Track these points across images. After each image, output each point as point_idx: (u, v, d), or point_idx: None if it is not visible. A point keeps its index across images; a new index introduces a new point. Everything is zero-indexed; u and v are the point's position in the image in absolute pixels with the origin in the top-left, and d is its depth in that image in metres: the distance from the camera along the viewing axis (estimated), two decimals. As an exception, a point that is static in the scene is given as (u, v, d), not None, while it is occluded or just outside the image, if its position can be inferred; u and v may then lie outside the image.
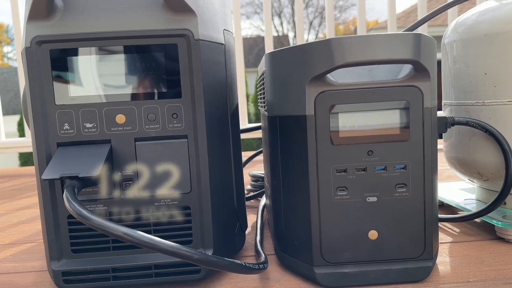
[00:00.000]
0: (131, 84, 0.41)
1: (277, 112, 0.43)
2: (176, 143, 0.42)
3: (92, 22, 0.40)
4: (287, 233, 0.44)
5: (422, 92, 0.39)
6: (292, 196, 0.43)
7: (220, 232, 0.45)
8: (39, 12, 0.39)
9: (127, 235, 0.33)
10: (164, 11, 0.41)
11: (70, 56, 0.40)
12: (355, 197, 0.40)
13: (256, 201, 0.77)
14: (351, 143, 0.40)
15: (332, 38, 0.38)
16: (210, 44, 0.42)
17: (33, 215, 0.76)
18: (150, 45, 0.41)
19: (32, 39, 0.39)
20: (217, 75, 0.44)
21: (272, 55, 0.43)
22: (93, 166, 0.38)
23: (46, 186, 0.41)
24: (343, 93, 0.39)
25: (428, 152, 0.40)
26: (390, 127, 0.40)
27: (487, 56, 0.51)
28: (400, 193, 0.40)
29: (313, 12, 14.38)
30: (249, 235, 0.58)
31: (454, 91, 0.56)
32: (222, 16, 0.46)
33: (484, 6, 0.54)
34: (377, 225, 0.41)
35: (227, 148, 0.46)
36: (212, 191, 0.43)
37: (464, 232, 0.54)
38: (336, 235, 0.41)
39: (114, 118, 0.41)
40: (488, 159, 0.52)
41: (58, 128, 0.41)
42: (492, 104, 0.51)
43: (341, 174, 0.40)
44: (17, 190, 1.01)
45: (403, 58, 0.38)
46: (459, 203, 0.58)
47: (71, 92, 0.41)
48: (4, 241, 0.61)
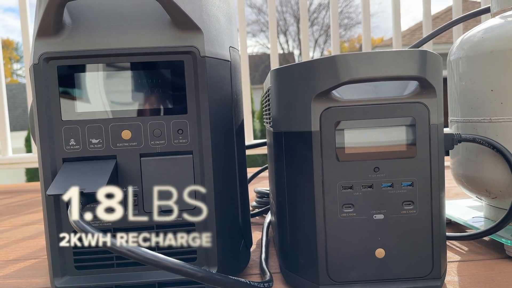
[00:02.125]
0: (137, 100, 0.41)
1: (282, 128, 0.43)
2: (181, 159, 0.42)
3: (99, 39, 0.40)
4: (293, 251, 0.44)
5: (428, 109, 0.39)
6: (298, 213, 0.42)
7: (224, 250, 0.44)
8: (47, 29, 0.40)
9: (131, 251, 0.33)
10: (171, 28, 0.41)
11: (77, 73, 0.41)
12: (361, 214, 0.40)
13: (261, 217, 0.76)
14: (357, 159, 0.39)
15: (337, 55, 0.38)
16: (216, 61, 0.43)
17: (38, 230, 0.76)
18: (157, 61, 0.41)
19: (40, 55, 0.40)
20: (223, 92, 0.44)
21: (278, 71, 0.43)
22: (98, 182, 0.38)
23: (51, 202, 0.41)
24: (348, 110, 0.39)
25: (435, 169, 0.40)
26: (396, 143, 0.39)
27: (494, 73, 0.51)
28: (407, 210, 0.40)
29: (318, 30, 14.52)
30: (254, 253, 0.57)
31: (461, 108, 0.56)
32: (228, 34, 0.46)
33: (489, 24, 0.54)
34: (384, 243, 0.40)
35: (232, 164, 0.46)
36: (217, 207, 0.43)
37: (473, 251, 0.53)
38: (343, 253, 0.40)
39: (120, 134, 0.41)
40: (496, 177, 0.51)
41: (64, 144, 0.41)
42: (499, 121, 0.51)
43: (347, 190, 0.40)
44: (23, 205, 1.01)
45: (409, 74, 0.38)
46: (467, 221, 0.57)
47: (78, 108, 0.41)
48: (8, 256, 0.61)
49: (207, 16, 0.43)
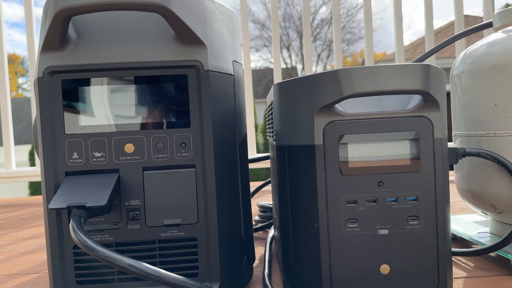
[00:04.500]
0: (140, 114, 0.41)
1: (285, 142, 0.43)
2: (184, 172, 0.42)
3: (104, 53, 0.41)
4: (296, 267, 0.43)
5: (432, 123, 0.39)
6: (301, 228, 0.42)
7: (227, 265, 0.44)
8: (52, 43, 0.40)
9: (132, 267, 0.32)
10: (175, 43, 0.41)
11: (81, 86, 0.41)
12: (366, 229, 0.40)
13: (264, 232, 0.75)
14: (361, 173, 0.39)
15: (340, 69, 0.38)
16: (220, 75, 0.43)
17: (39, 244, 0.75)
18: (161, 75, 0.41)
19: (44, 69, 0.40)
20: (226, 105, 0.44)
21: (281, 85, 0.43)
22: (100, 196, 0.38)
23: (53, 216, 0.41)
24: (352, 123, 0.39)
25: (439, 184, 0.39)
26: (400, 157, 0.39)
27: (497, 87, 0.51)
28: (412, 225, 0.40)
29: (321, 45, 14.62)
30: (256, 268, 0.57)
31: (464, 122, 0.56)
32: (231, 48, 0.47)
33: (492, 38, 0.54)
34: (389, 259, 0.40)
35: (235, 178, 0.46)
36: (220, 222, 0.42)
37: (479, 267, 0.53)
38: (347, 269, 0.40)
39: (123, 147, 0.41)
40: (501, 191, 0.51)
41: (67, 157, 0.41)
42: (504, 135, 0.50)
43: (351, 205, 0.39)
44: (25, 219, 1.01)
45: (412, 88, 0.38)
46: (472, 237, 0.57)
47: (81, 122, 0.41)
48: (9, 271, 0.61)
49: (211, 31, 0.43)
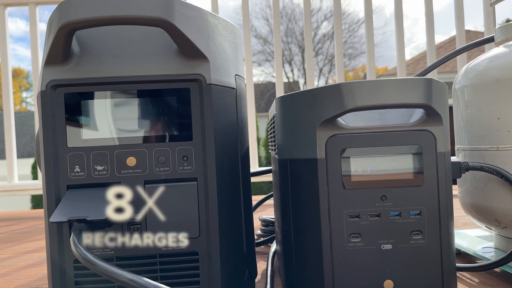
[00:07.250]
0: (143, 127, 0.41)
1: (287, 155, 0.43)
2: (185, 186, 0.42)
3: (106, 67, 0.41)
4: (299, 282, 0.43)
5: (435, 137, 0.39)
6: (304, 243, 0.41)
7: (228, 280, 0.43)
8: (56, 57, 0.40)
9: (133, 281, 0.32)
10: (177, 56, 0.41)
11: (84, 100, 0.41)
12: (369, 244, 0.39)
13: (266, 247, 0.75)
14: (363, 187, 0.39)
15: (342, 83, 0.38)
16: (222, 89, 0.43)
17: (40, 258, 0.75)
18: (163, 89, 0.41)
19: (47, 83, 0.40)
20: (228, 119, 0.44)
21: (283, 99, 0.43)
22: (101, 210, 0.38)
23: (54, 229, 0.41)
24: (354, 137, 0.39)
25: (443, 198, 0.39)
26: (403, 171, 0.39)
27: (500, 101, 0.51)
28: (416, 240, 0.39)
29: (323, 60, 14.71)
30: (258, 283, 0.56)
31: (467, 136, 0.55)
32: (234, 62, 0.47)
33: (494, 52, 0.55)
34: (393, 274, 0.39)
35: (237, 192, 0.46)
36: (221, 236, 0.42)
37: (484, 283, 0.52)
38: (350, 285, 0.39)
39: (125, 160, 0.41)
40: (505, 206, 0.51)
41: (69, 171, 0.41)
42: (507, 149, 0.50)
43: (354, 219, 0.39)
44: (27, 232, 1.00)
45: (415, 102, 0.38)
46: (477, 252, 0.56)
47: (84, 135, 0.41)
48: (9, 285, 0.60)
49: (213, 45, 0.43)
